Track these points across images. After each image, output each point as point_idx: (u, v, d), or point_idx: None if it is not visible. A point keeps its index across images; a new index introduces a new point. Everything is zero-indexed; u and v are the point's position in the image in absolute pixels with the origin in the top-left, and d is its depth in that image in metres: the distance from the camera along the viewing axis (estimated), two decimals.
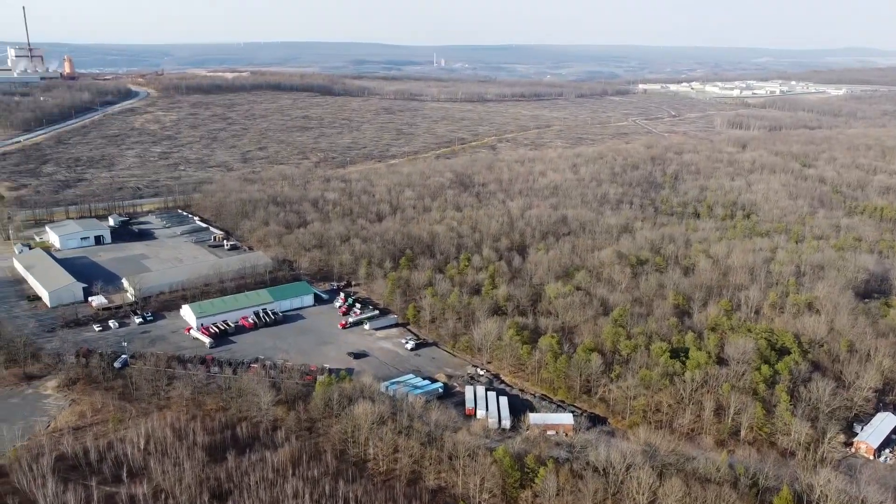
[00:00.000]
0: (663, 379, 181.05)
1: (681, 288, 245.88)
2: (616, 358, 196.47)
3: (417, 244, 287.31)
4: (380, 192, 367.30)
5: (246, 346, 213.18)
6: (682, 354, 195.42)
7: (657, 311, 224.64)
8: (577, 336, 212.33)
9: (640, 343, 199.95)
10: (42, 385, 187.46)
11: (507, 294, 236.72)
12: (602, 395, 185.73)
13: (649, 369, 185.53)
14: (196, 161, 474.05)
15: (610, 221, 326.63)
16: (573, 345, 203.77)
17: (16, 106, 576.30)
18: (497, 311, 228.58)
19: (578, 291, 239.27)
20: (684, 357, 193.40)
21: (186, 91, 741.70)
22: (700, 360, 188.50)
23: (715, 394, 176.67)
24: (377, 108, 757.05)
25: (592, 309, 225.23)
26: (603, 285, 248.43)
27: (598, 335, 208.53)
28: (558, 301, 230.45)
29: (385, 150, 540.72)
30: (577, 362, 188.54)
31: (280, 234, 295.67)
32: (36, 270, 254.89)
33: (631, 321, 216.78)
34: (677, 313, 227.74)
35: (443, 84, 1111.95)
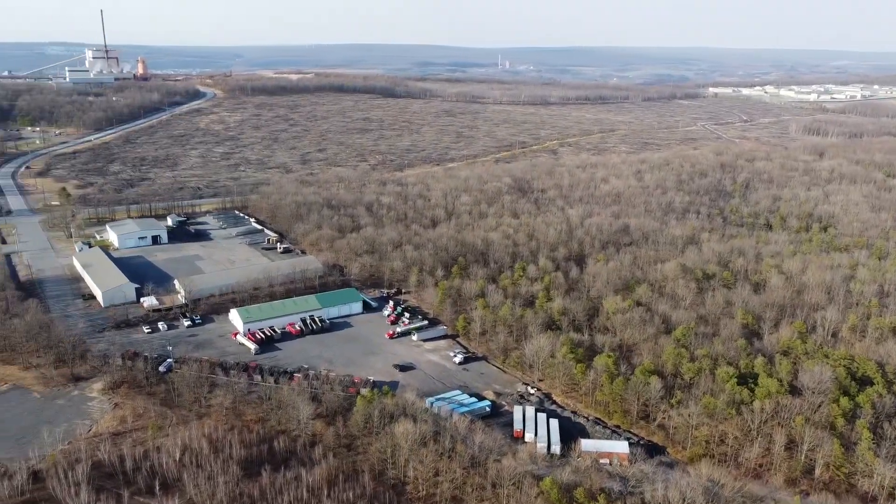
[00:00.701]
0: (729, 408, 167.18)
1: (750, 306, 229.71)
2: (677, 382, 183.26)
3: (471, 252, 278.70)
4: (435, 196, 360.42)
5: (291, 354, 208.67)
6: (750, 381, 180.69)
7: (724, 332, 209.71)
8: (635, 356, 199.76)
9: (705, 366, 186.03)
10: (88, 387, 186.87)
11: (562, 308, 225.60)
12: (661, 421, 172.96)
13: (714, 396, 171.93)
14: (256, 162, 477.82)
15: (675, 232, 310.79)
16: (631, 365, 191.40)
17: (89, 105, 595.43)
18: (551, 325, 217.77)
19: (639, 307, 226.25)
20: (753, 384, 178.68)
21: (252, 92, 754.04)
22: (770, 388, 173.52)
23: (787, 427, 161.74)
24: (438, 111, 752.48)
25: (653, 327, 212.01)
26: (665, 301, 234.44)
27: (658, 356, 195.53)
28: (616, 317, 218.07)
29: (444, 154, 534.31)
30: (635, 385, 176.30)
31: (332, 239, 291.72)
32: (92, 269, 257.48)
33: (695, 341, 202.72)
34: (746, 334, 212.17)
35: (505, 86, 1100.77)
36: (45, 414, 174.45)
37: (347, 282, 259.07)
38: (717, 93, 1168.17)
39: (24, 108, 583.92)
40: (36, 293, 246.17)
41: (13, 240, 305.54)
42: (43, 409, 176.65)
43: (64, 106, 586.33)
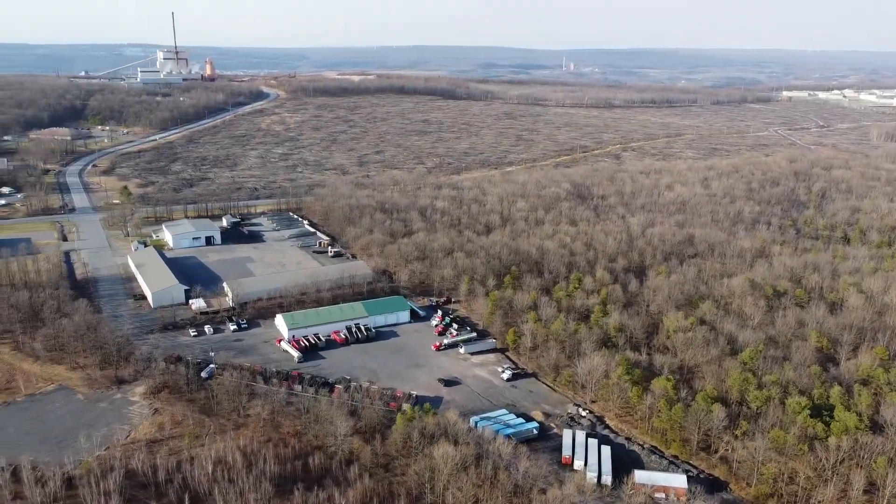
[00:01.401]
0: (801, 443, 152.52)
1: (826, 328, 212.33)
2: (743, 410, 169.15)
3: (525, 261, 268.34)
4: (491, 201, 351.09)
5: (334, 363, 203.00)
6: (825, 413, 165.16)
7: (796, 356, 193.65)
8: (697, 379, 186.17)
9: (774, 394, 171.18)
10: (131, 390, 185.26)
11: (619, 323, 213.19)
12: (724, 454, 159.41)
13: (784, 429, 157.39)
14: (314, 163, 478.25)
15: (743, 244, 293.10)
16: (692, 390, 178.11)
17: (156, 105, 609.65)
18: (606, 342, 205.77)
19: (702, 325, 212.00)
20: (828, 417, 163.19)
21: (314, 93, 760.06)
22: (848, 422, 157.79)
23: (866, 468, 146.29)
24: (498, 113, 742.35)
25: (717, 348, 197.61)
26: (731, 319, 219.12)
27: (722, 380, 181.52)
28: (678, 336, 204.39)
29: (502, 157, 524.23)
30: (696, 412, 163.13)
31: (383, 244, 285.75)
32: (145, 269, 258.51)
33: (763, 366, 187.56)
34: (820, 359, 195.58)
35: (569, 88, 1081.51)
36: (87, 417, 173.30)
37: (396, 289, 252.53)
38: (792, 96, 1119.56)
39: (95, 108, 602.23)
40: (89, 292, 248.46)
41: (74, 237, 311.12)
42: (85, 412, 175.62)
43: (132, 106, 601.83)
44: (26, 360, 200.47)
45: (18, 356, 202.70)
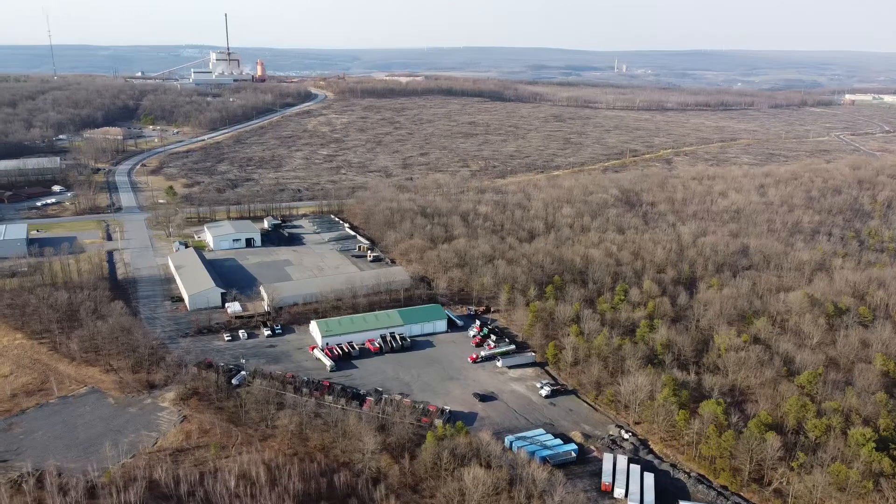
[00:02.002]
0: (865, 479, 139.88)
1: (892, 350, 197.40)
2: (800, 440, 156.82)
3: (569, 270, 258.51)
4: (536, 206, 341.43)
5: (367, 374, 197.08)
6: (892, 446, 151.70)
7: (859, 381, 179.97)
8: (750, 404, 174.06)
9: (835, 423, 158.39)
10: (161, 396, 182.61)
11: (666, 340, 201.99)
12: (778, 487, 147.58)
13: (846, 463, 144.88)
14: (358, 165, 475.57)
15: (802, 256, 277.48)
16: (744, 415, 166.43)
17: (206, 106, 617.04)
18: (652, 359, 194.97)
19: (756, 344, 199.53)
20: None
21: (361, 94, 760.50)
22: None
23: None
24: (547, 115, 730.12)
25: (773, 369, 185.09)
26: (788, 338, 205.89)
27: (777, 405, 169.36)
28: (729, 355, 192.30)
29: (549, 161, 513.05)
30: (748, 440, 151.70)
31: (423, 249, 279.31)
32: (183, 271, 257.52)
33: (823, 391, 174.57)
34: (887, 385, 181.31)
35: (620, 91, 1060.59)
36: (116, 422, 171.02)
37: (434, 297, 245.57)
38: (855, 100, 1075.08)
39: (147, 108, 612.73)
40: (128, 293, 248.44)
41: (118, 236, 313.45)
42: (114, 417, 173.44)
43: (183, 106, 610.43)
44: (62, 361, 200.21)
45: (55, 356, 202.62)
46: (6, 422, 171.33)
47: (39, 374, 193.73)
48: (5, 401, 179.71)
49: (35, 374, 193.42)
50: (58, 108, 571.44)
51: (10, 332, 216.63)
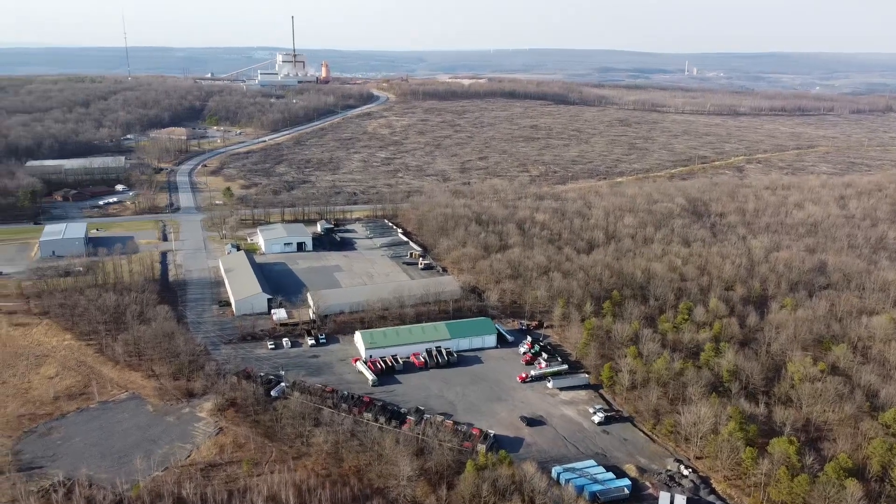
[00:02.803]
0: None
1: None
2: (886, 489, 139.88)
3: (628, 284, 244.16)
4: (596, 215, 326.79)
5: (410, 390, 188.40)
6: None
7: None
8: (827, 443, 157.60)
9: None
10: (200, 405, 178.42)
11: (733, 365, 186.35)
12: None
13: None
14: (415, 168, 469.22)
15: (887, 276, 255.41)
16: (820, 456, 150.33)
17: (269, 107, 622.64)
18: (717, 387, 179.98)
19: (835, 374, 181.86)
20: None
21: (423, 96, 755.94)
22: None
23: None
24: (612, 119, 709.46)
25: (853, 404, 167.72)
26: (872, 369, 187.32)
27: (859, 446, 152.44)
28: (804, 386, 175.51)
29: (612, 167, 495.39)
30: (825, 486, 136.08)
31: (476, 258, 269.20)
32: (232, 275, 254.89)
33: None
34: None
35: (690, 94, 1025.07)
36: (152, 431, 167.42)
37: (484, 309, 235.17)
38: None
39: (212, 109, 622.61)
40: (177, 295, 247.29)
41: (174, 237, 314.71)
42: (151, 426, 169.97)
43: (247, 107, 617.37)
44: (107, 364, 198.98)
45: (100, 359, 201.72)
46: (47, 426, 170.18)
47: (84, 376, 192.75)
48: (48, 403, 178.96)
49: (79, 376, 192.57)
50: (127, 109, 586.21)
51: (60, 333, 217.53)
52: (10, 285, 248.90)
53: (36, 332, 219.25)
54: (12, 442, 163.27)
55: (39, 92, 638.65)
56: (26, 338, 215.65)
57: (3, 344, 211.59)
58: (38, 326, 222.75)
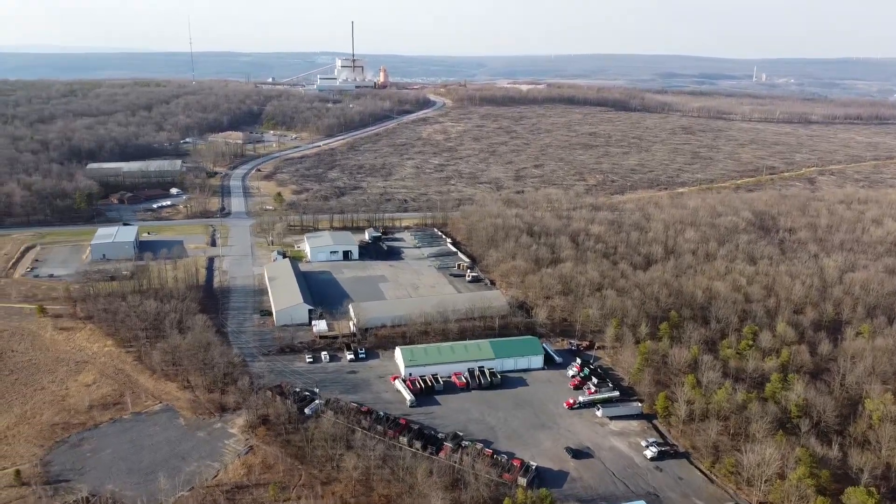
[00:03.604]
0: None
1: None
2: None
3: (688, 304, 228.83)
4: (655, 228, 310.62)
5: (449, 413, 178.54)
6: None
7: None
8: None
9: None
10: (232, 420, 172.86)
11: (802, 399, 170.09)
12: None
13: None
14: (469, 175, 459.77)
15: None
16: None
17: (326, 112, 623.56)
18: (784, 424, 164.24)
19: None
20: None
21: (480, 102, 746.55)
22: None
23: None
24: (674, 127, 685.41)
25: None
26: None
27: None
28: (885, 426, 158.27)
29: (674, 177, 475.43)
30: None
31: (525, 272, 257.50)
32: (276, 283, 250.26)
33: None
34: None
35: (758, 101, 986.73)
36: (182, 447, 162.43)
37: (532, 326, 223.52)
38: None
39: (270, 113, 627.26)
40: (220, 303, 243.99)
41: (223, 242, 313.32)
42: (181, 441, 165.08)
43: (303, 112, 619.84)
44: (144, 373, 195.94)
45: (138, 368, 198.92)
46: (79, 437, 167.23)
47: (120, 385, 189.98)
48: (82, 412, 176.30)
49: (116, 385, 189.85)
50: (187, 112, 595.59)
51: (102, 338, 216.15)
52: (60, 288, 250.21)
53: (79, 336, 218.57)
54: (43, 452, 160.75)
55: (106, 95, 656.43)
56: (69, 342, 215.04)
57: (46, 348, 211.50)
58: (82, 331, 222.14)
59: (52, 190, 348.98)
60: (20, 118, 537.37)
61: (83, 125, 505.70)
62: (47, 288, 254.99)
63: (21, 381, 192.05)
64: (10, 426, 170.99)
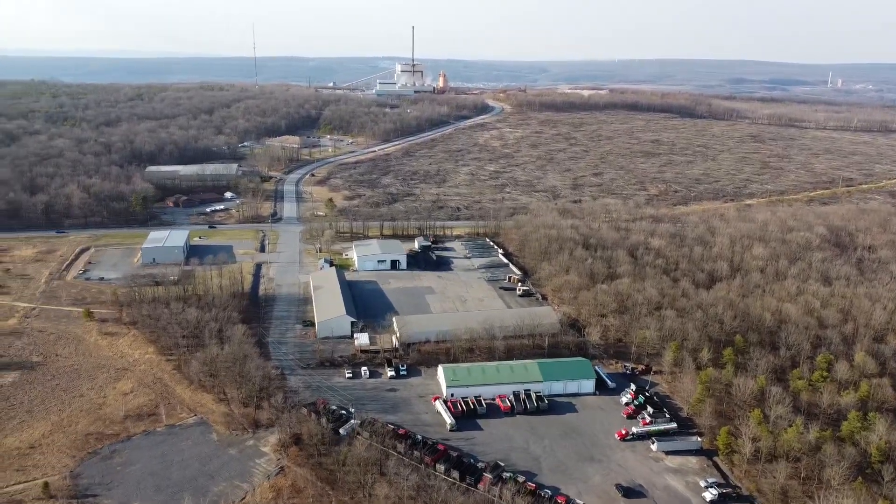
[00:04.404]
0: None
1: None
2: None
3: (755, 328, 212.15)
4: (720, 243, 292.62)
5: (491, 439, 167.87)
6: None
7: None
8: None
9: None
10: (265, 438, 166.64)
11: (885, 442, 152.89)
12: None
13: None
14: (524, 183, 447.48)
15: None
16: None
17: (383, 117, 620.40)
18: (864, 469, 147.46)
19: None
20: None
21: (539, 107, 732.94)
22: None
23: None
24: (743, 135, 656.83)
25: None
26: None
27: None
28: None
29: (741, 188, 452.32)
30: None
31: (579, 288, 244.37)
32: (320, 292, 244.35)
33: None
34: None
35: (833, 108, 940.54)
36: (212, 465, 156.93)
37: (584, 346, 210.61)
38: None
39: (327, 118, 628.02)
40: (262, 312, 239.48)
41: (271, 248, 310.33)
42: (212, 458, 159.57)
43: (360, 116, 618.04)
44: (181, 383, 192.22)
45: (177, 377, 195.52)
46: (111, 448, 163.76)
47: (157, 395, 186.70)
48: (117, 423, 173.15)
49: (153, 395, 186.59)
50: (247, 116, 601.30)
51: (144, 345, 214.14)
52: (108, 292, 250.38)
53: (122, 342, 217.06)
54: (75, 463, 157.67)
55: (171, 99, 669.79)
56: (112, 348, 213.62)
57: (89, 353, 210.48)
58: (125, 337, 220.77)
59: (109, 192, 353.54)
60: (88, 121, 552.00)
61: (146, 128, 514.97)
62: (97, 291, 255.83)
63: (61, 386, 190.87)
64: (46, 434, 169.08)
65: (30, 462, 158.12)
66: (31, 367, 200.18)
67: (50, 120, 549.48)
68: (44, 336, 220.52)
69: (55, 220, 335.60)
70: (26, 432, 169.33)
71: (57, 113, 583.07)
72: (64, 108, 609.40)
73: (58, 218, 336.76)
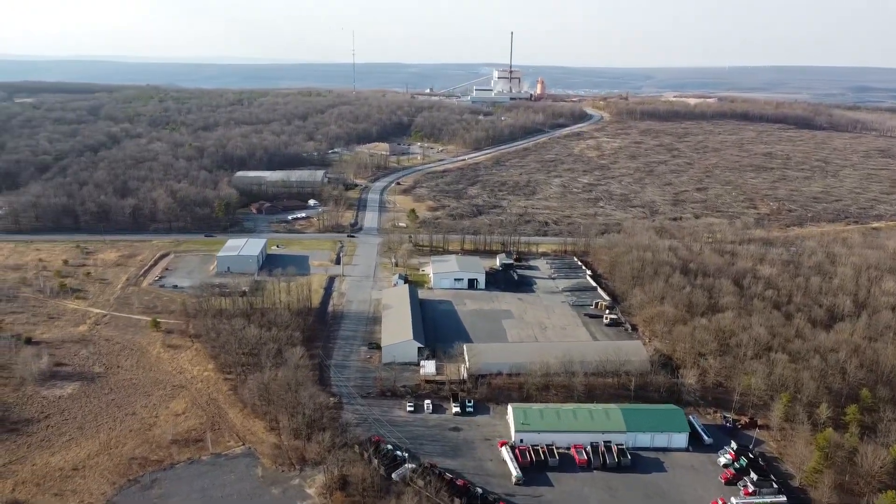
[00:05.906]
0: None
1: None
2: None
3: (886, 381, 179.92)
4: (842, 273, 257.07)
5: (561, 498, 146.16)
6: None
7: None
8: None
9: None
10: (311, 477, 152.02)
11: None
12: None
13: None
14: (619, 197, 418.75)
15: None
16: None
17: (475, 124, 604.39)
18: None
19: None
20: None
21: (640, 116, 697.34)
22: None
23: None
24: (869, 149, 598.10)
25: None
26: None
27: None
28: None
29: (867, 208, 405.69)
30: None
31: (674, 321, 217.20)
32: (390, 312, 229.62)
33: None
34: None
35: None
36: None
37: (677, 392, 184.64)
38: None
39: (419, 125, 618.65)
40: (329, 330, 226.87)
41: (347, 260, 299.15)
42: (253, 497, 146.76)
43: (452, 124, 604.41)
44: (235, 407, 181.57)
45: (231, 398, 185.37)
46: (151, 477, 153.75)
47: (209, 418, 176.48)
48: (163, 447, 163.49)
49: (204, 418, 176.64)
50: (339, 122, 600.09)
51: (205, 361, 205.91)
52: (178, 301, 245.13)
53: (183, 356, 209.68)
54: (113, 491, 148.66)
55: (268, 105, 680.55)
56: (173, 362, 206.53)
57: (150, 367, 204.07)
58: (188, 350, 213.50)
59: (194, 197, 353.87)
60: (188, 125, 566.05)
61: (239, 133, 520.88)
62: (168, 300, 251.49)
63: (116, 402, 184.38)
64: (92, 455, 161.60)
65: (69, 486, 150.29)
66: (91, 379, 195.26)
67: (153, 123, 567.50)
68: (109, 345, 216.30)
69: (142, 224, 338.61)
70: (73, 451, 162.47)
71: (161, 117, 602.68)
72: (168, 111, 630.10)
73: (144, 222, 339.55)
